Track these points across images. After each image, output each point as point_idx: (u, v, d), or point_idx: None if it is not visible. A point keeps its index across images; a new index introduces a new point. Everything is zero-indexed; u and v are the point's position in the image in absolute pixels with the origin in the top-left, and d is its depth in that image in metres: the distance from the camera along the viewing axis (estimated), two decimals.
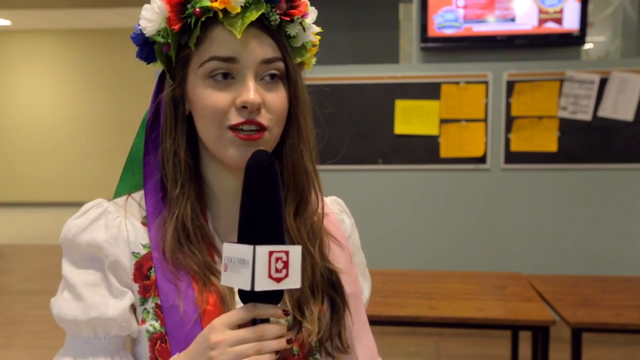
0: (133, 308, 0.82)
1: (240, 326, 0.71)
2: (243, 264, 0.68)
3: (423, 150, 3.90)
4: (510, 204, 3.91)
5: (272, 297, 0.71)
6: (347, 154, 3.78)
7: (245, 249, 0.68)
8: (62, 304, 0.81)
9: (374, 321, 2.40)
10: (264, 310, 0.71)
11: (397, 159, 3.93)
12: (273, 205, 0.71)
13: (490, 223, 3.93)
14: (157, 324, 0.80)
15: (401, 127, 3.89)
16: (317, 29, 0.87)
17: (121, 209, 0.86)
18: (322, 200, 0.92)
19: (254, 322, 0.71)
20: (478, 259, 3.92)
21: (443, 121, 3.86)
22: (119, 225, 0.84)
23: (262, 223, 0.70)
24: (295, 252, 0.70)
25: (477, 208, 3.93)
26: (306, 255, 0.85)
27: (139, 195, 0.89)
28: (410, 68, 3.96)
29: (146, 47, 0.84)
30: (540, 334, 2.33)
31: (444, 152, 3.88)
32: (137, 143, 0.91)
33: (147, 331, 0.81)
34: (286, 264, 0.69)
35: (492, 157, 3.87)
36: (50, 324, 4.28)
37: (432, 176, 3.93)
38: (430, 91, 3.86)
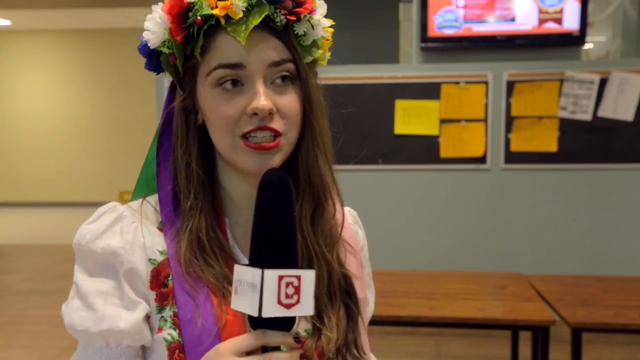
0: (147, 317, 0.79)
1: (248, 353, 0.68)
2: (252, 288, 0.64)
3: (423, 150, 3.90)
4: (510, 204, 3.91)
5: (283, 323, 0.67)
6: (347, 153, 3.78)
7: (254, 273, 0.64)
8: (73, 313, 0.78)
9: (374, 321, 2.40)
10: (274, 337, 0.67)
11: (397, 159, 3.93)
12: (285, 226, 0.67)
13: (490, 223, 3.93)
14: (175, 333, 0.78)
15: (401, 127, 3.89)
16: (328, 23, 0.84)
17: (137, 214, 0.83)
18: (342, 205, 0.90)
19: (264, 348, 0.68)
20: (478, 259, 3.92)
21: (443, 121, 3.86)
22: (134, 231, 0.81)
23: (272, 245, 0.66)
24: (307, 277, 0.66)
25: (477, 208, 3.93)
26: (322, 261, 0.84)
27: (154, 199, 0.86)
28: (410, 68, 3.96)
29: (153, 58, 0.82)
30: (540, 334, 2.33)
31: (444, 152, 3.88)
32: (151, 154, 0.89)
33: (165, 340, 0.78)
34: (297, 289, 0.65)
35: (492, 157, 3.87)
36: (50, 323, 4.30)
37: (432, 176, 3.93)
38: (430, 91, 3.86)
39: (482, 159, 3.87)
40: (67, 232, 8.17)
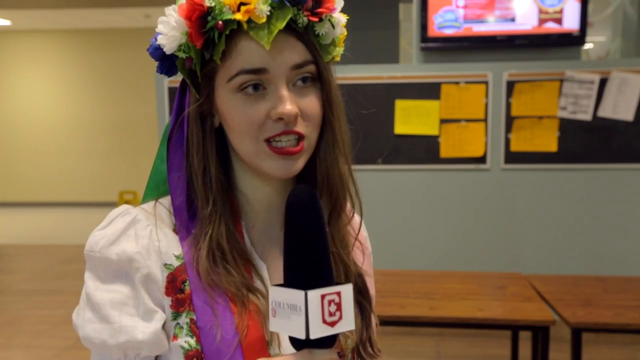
0: (163, 325, 0.77)
1: None
2: (294, 311, 0.63)
3: (423, 150, 3.90)
4: (510, 204, 3.91)
5: (327, 341, 0.66)
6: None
7: (296, 295, 0.63)
8: (87, 326, 0.75)
9: None
10: (321, 356, 0.66)
11: (397, 159, 3.93)
12: (319, 243, 0.66)
13: (490, 223, 3.93)
14: (192, 341, 0.76)
15: (401, 127, 3.89)
16: (344, 20, 0.82)
17: (151, 217, 0.80)
18: (360, 206, 0.89)
19: None
20: (478, 259, 3.92)
21: (443, 121, 3.86)
22: (149, 235, 0.78)
23: (310, 264, 0.65)
24: (347, 292, 0.65)
25: (477, 208, 3.93)
26: (340, 264, 0.83)
27: (167, 200, 0.83)
28: (410, 68, 3.96)
29: (166, 61, 0.79)
30: (540, 334, 2.34)
31: (444, 152, 3.88)
32: (159, 156, 0.86)
33: (182, 347, 0.76)
34: (339, 306, 0.64)
35: (492, 157, 3.87)
36: (50, 323, 4.30)
37: (432, 176, 3.93)
38: (430, 91, 3.86)
39: (482, 159, 3.87)
40: (67, 232, 8.18)
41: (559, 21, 3.78)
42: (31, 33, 10.28)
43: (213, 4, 0.73)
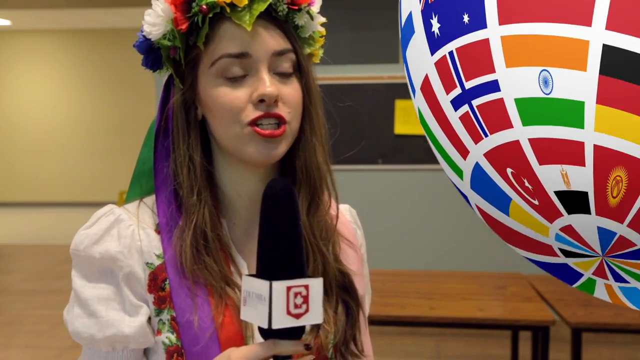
0: (149, 319, 0.80)
1: None
2: (260, 300, 0.65)
3: (423, 150, 3.90)
4: None
5: (293, 333, 0.67)
6: (347, 153, 3.78)
7: (262, 285, 0.65)
8: (76, 321, 0.79)
9: (374, 321, 2.40)
10: (285, 347, 0.67)
11: (397, 159, 3.93)
12: (291, 236, 0.67)
13: None
14: (173, 337, 0.79)
15: (401, 127, 3.89)
16: (323, 19, 0.85)
17: (134, 217, 0.83)
18: (337, 198, 0.90)
19: (275, 357, 0.68)
20: (478, 259, 3.92)
21: None
22: (132, 235, 0.81)
23: (279, 256, 0.66)
24: (315, 286, 0.66)
25: None
26: (318, 254, 0.84)
27: (150, 200, 0.85)
28: None
29: (151, 54, 0.82)
30: (540, 334, 2.34)
31: None
32: (144, 154, 0.88)
33: (164, 343, 0.79)
34: (306, 299, 0.65)
35: None
36: (50, 323, 4.31)
37: (432, 176, 3.93)
38: None
39: None
40: (66, 232, 8.17)
41: None
42: (31, 33, 10.28)
43: None
